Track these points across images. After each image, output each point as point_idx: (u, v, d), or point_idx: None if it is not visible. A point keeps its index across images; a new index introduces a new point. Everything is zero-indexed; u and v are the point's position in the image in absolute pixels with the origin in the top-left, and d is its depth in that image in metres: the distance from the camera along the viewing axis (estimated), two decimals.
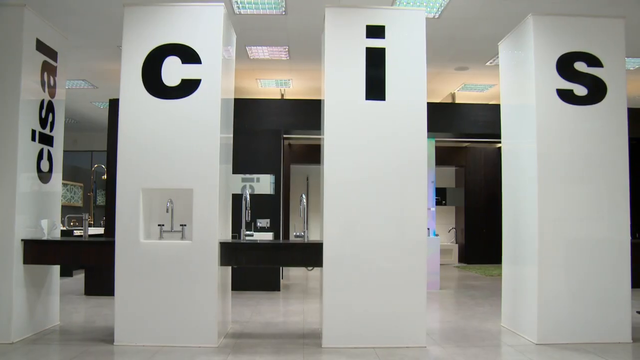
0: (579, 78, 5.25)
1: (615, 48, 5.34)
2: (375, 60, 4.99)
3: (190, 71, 4.95)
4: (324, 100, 5.09)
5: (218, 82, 4.94)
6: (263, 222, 8.10)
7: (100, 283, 7.54)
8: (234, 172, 6.07)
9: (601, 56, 5.29)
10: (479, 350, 4.86)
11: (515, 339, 5.31)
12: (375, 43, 5.01)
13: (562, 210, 5.14)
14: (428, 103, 5.09)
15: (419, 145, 5.00)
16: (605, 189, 5.22)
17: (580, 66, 5.26)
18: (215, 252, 4.85)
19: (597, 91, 5.25)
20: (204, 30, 5.00)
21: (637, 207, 5.60)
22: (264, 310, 6.74)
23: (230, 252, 5.06)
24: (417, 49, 5.06)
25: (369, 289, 4.90)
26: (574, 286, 5.14)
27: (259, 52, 8.51)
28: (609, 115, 5.25)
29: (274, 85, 10.64)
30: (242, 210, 5.49)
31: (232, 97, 5.72)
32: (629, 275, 5.21)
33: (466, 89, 10.88)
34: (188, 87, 4.93)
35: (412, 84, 5.02)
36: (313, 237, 5.52)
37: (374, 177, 4.95)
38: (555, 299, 5.11)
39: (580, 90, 5.24)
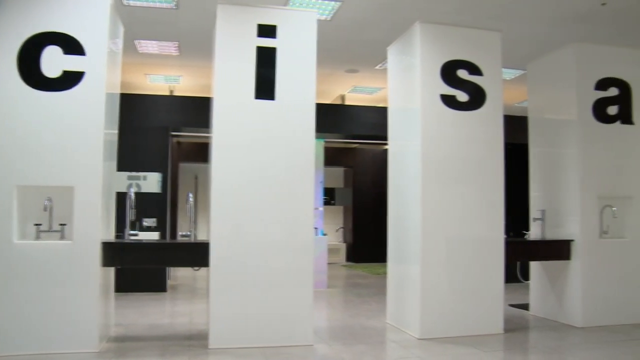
0: (461, 85, 5.62)
1: (493, 59, 5.78)
2: (266, 60, 5.07)
3: (72, 63, 4.77)
4: (213, 98, 5.09)
5: (103, 76, 4.81)
6: (149, 221, 7.94)
7: None
8: (119, 170, 5.92)
9: (481, 65, 5.69)
10: (365, 347, 5.07)
11: (400, 334, 5.58)
12: (267, 42, 5.09)
13: (443, 210, 5.48)
14: (318, 104, 5.24)
15: (307, 145, 5.14)
16: (483, 190, 5.63)
17: (462, 74, 5.64)
18: (96, 253, 4.71)
19: (477, 98, 5.65)
20: (89, 20, 4.84)
21: (511, 207, 6.06)
22: (149, 312, 6.62)
23: (113, 253, 4.93)
24: (308, 49, 5.20)
25: (256, 288, 4.97)
26: (453, 282, 5.50)
27: (148, 46, 8.31)
28: (488, 121, 5.67)
29: (163, 81, 10.42)
30: (127, 209, 5.36)
31: (118, 91, 5.57)
32: (502, 270, 5.67)
33: (356, 91, 11.22)
34: (70, 79, 4.75)
35: (302, 84, 5.16)
36: (202, 236, 5.50)
37: (262, 176, 5.03)
38: (437, 296, 5.44)
39: (462, 97, 5.61)
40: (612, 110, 6.31)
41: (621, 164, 6.33)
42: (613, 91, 6.32)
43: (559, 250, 6.18)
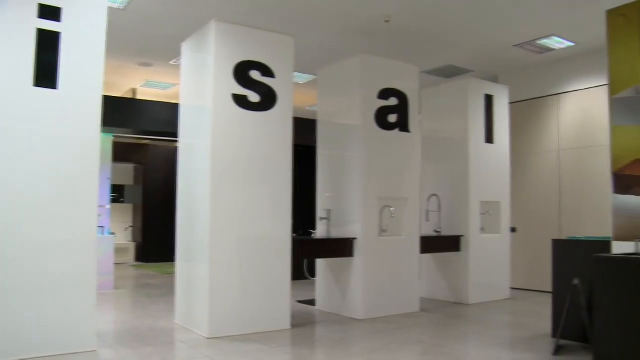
0: (254, 86, 5.88)
1: (286, 62, 6.14)
2: (48, 44, 4.76)
3: None
4: None
5: None
6: None
7: None
8: None
9: (274, 68, 6.01)
10: (152, 349, 5.07)
11: (188, 334, 5.67)
12: (49, 25, 4.77)
13: (232, 209, 5.68)
14: (107, 97, 5.12)
15: (92, 139, 4.95)
16: (272, 190, 5.95)
17: (255, 75, 5.90)
18: None
19: (268, 99, 5.96)
20: None
21: (301, 206, 6.45)
22: None
23: None
24: (96, 38, 5.01)
25: (31, 293, 4.62)
26: (243, 281, 5.73)
27: None
28: (278, 122, 6.01)
29: None
30: None
31: None
32: (289, 268, 6.03)
33: (149, 86, 11.09)
34: None
35: (88, 74, 4.95)
36: None
37: (40, 171, 4.72)
38: (226, 294, 5.62)
39: (253, 97, 5.87)
40: (392, 118, 7.05)
41: (399, 168, 7.10)
42: (393, 101, 7.07)
43: (342, 248, 6.75)
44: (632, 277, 4.15)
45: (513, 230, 8.68)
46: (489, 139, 8.32)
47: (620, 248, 4.85)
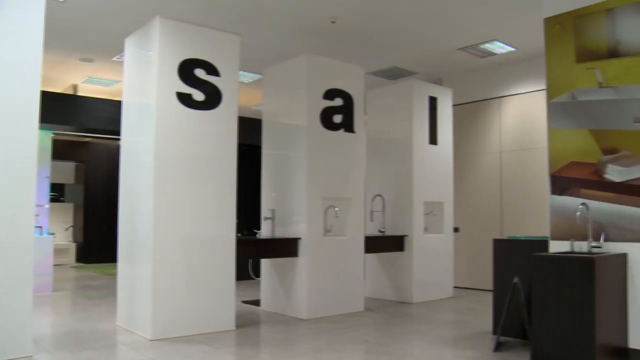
0: (198, 84, 5.86)
1: (231, 61, 6.14)
2: None
3: None
4: None
5: None
6: None
7: None
8: None
9: (219, 66, 6.00)
10: (93, 353, 4.98)
11: (131, 336, 5.60)
12: None
13: (175, 209, 5.65)
14: (46, 92, 5.00)
15: (29, 137, 4.79)
16: (216, 189, 5.94)
17: (200, 73, 5.88)
18: None
19: (213, 98, 5.95)
20: None
21: (246, 206, 6.45)
22: None
23: None
24: (34, 30, 4.83)
25: None
26: (187, 281, 5.70)
27: None
28: (223, 121, 6.00)
29: None
30: None
31: None
32: (234, 268, 6.03)
33: (91, 82, 10.85)
34: None
35: (25, 68, 4.77)
36: None
37: None
38: (169, 295, 5.58)
39: (198, 96, 5.85)
40: (337, 118, 7.13)
41: (343, 168, 7.18)
42: (338, 101, 7.15)
43: (287, 247, 6.79)
44: (567, 275, 4.34)
45: (456, 230, 8.90)
46: (433, 140, 8.51)
47: (557, 247, 5.08)
